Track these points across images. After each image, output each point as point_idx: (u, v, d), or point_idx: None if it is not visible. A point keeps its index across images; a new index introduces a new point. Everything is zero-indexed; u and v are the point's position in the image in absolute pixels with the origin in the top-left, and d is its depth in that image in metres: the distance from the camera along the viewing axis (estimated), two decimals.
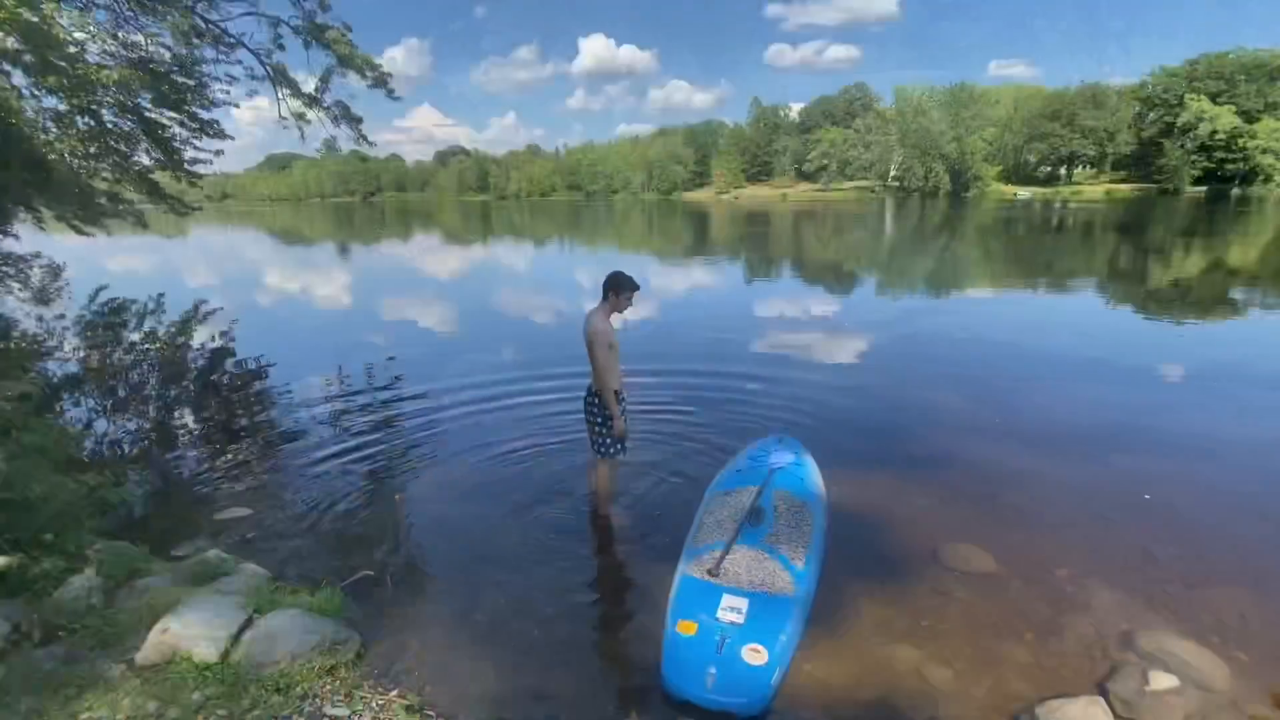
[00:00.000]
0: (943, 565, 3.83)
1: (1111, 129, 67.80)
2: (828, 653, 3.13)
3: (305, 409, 6.95)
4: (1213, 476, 4.99)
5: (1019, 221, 34.90)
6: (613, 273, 3.96)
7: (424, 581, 3.80)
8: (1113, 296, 12.98)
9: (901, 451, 5.52)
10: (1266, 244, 21.67)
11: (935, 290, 14.48)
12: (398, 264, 23.56)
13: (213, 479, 5.22)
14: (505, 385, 7.50)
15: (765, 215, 46.76)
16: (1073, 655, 3.11)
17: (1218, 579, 3.68)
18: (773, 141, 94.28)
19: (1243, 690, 2.90)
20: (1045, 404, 6.74)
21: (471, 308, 13.59)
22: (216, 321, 12.34)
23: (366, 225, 51.36)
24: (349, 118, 13.09)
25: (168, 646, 2.84)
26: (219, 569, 3.57)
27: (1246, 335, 9.70)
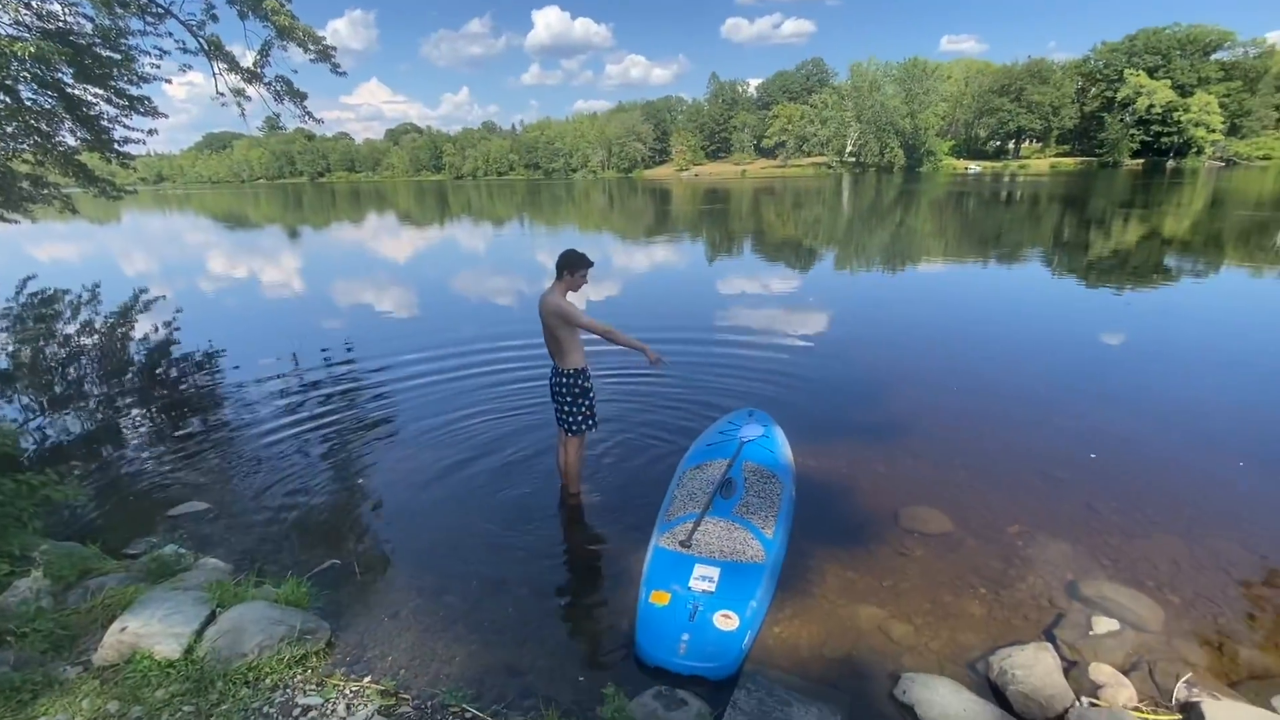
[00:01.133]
0: (902, 527, 3.99)
1: (1056, 104, 69.95)
2: (796, 615, 3.24)
3: (260, 398, 6.74)
4: (1150, 435, 5.29)
5: (970, 195, 35.83)
6: (565, 251, 3.92)
7: (393, 567, 3.76)
8: (1058, 267, 13.49)
9: (862, 421, 5.68)
10: (1197, 214, 22.78)
11: (892, 264, 14.80)
12: (352, 248, 22.82)
13: (165, 474, 5.04)
14: (468, 368, 7.44)
15: (726, 192, 46.82)
16: (1023, 606, 3.29)
17: (1153, 529, 3.93)
18: (731, 118, 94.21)
19: (1175, 628, 3.13)
20: (997, 371, 7.01)
21: (431, 291, 13.31)
22: (159, 311, 11.81)
23: (316, 207, 49.48)
24: (292, 94, 12.51)
25: (126, 645, 2.75)
26: (177, 565, 3.47)
27: (1179, 301, 10.24)
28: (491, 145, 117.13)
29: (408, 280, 14.63)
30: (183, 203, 63.86)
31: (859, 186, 48.55)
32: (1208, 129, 61.13)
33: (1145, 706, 2.68)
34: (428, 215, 37.32)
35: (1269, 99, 61.51)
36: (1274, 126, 62.19)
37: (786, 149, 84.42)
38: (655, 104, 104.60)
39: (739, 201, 37.13)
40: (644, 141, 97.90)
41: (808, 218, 26.87)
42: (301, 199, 64.14)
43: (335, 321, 10.65)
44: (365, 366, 7.80)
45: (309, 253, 21.94)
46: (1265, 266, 12.48)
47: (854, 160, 76.70)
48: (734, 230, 22.88)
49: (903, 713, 2.63)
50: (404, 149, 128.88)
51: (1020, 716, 2.61)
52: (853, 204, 33.46)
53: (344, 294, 13.22)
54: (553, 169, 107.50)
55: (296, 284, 14.53)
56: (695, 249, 18.50)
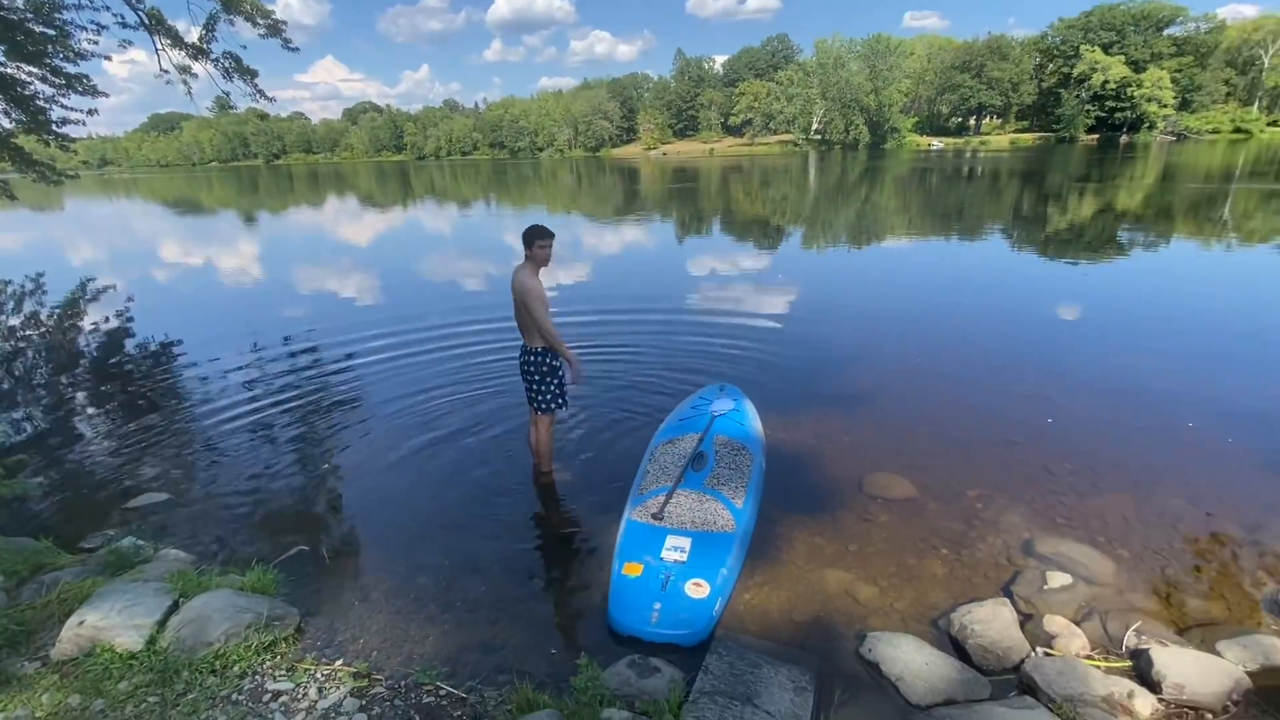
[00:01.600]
0: (866, 494, 4.09)
1: (1015, 80, 71.05)
2: (766, 581, 3.31)
3: (220, 386, 6.56)
4: (1103, 400, 5.48)
5: (933, 171, 36.33)
6: (527, 228, 3.87)
7: (363, 551, 3.72)
8: (1017, 241, 13.80)
9: (829, 393, 5.77)
10: (1149, 187, 23.50)
11: (858, 241, 14.97)
12: (312, 233, 22.16)
13: (122, 466, 4.88)
14: (436, 348, 7.36)
15: (694, 171, 46.63)
16: (982, 565, 3.42)
17: (1105, 488, 4.10)
18: (698, 95, 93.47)
19: (1125, 581, 3.28)
20: (958, 343, 7.17)
21: (396, 275, 13.03)
22: (109, 301, 11.35)
23: (273, 191, 47.83)
24: (241, 71, 12.01)
25: (86, 639, 2.68)
26: (136, 557, 3.38)
27: (1132, 273, 10.60)
28: (454, 124, 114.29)
29: (371, 264, 14.30)
30: (130, 188, 61.07)
31: (825, 164, 48.83)
32: (1159, 104, 62.81)
33: (1097, 654, 2.81)
34: (390, 197, 36.41)
35: (1218, 74, 63.43)
36: (1223, 101, 64.24)
37: (754, 127, 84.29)
38: (621, 81, 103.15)
39: (708, 180, 37.04)
40: (611, 120, 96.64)
41: (775, 196, 26.96)
42: (257, 182, 61.90)
43: (296, 308, 10.37)
44: (329, 350, 7.64)
45: (267, 238, 21.25)
46: (1213, 238, 12.96)
47: (820, 138, 77.01)
48: (704, 209, 22.85)
49: (869, 670, 2.72)
50: (363, 129, 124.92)
51: (979, 668, 2.72)
52: (819, 182, 33.67)
53: (305, 280, 12.87)
54: (518, 148, 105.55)
55: (255, 271, 14.08)
56: (666, 228, 18.44)
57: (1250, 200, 18.18)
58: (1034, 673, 2.57)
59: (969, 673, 2.65)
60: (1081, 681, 2.50)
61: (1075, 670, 2.56)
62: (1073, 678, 2.52)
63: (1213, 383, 5.75)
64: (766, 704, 2.39)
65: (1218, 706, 2.48)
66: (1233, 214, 15.85)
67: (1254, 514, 3.77)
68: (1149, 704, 2.47)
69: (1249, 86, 63.74)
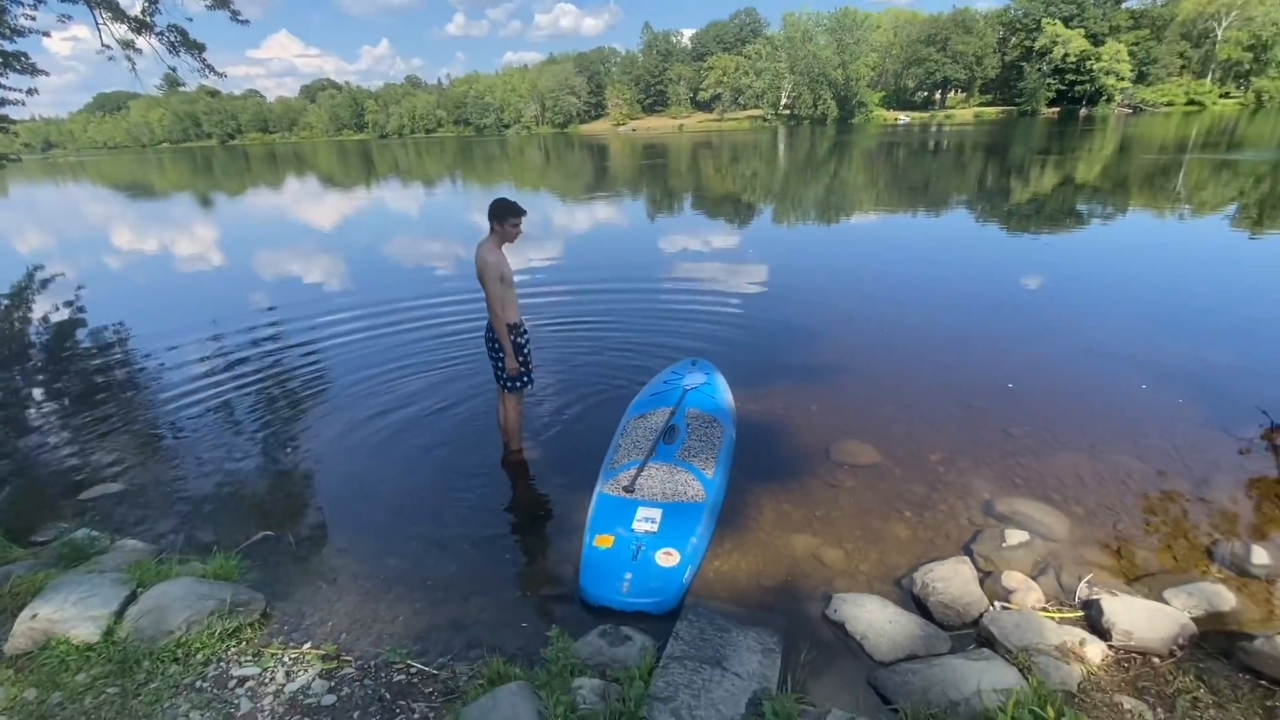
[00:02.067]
0: (833, 461, 4.16)
1: (979, 54, 71.57)
2: (735, 549, 3.36)
3: (177, 373, 6.36)
4: (1062, 364, 5.65)
5: (900, 146, 36.60)
6: (495, 200, 3.78)
7: (330, 534, 3.67)
8: (981, 213, 14.02)
9: (798, 364, 5.83)
10: (1106, 159, 24.03)
11: (826, 216, 15.05)
12: (271, 215, 21.46)
13: (75, 458, 4.71)
14: (401, 327, 7.26)
15: (664, 147, 46.23)
16: (944, 525, 3.51)
17: (1060, 449, 4.23)
18: (666, 70, 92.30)
19: (1079, 535, 3.41)
20: (924, 313, 7.28)
21: (360, 256, 12.71)
22: (59, 290, 10.88)
23: (229, 172, 46.10)
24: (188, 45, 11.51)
25: (40, 632, 2.61)
26: (91, 548, 3.28)
27: (1090, 242, 10.87)
28: (417, 101, 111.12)
29: (333, 246, 13.92)
30: (77, 171, 58.32)
31: (794, 139, 48.82)
32: (1117, 77, 63.92)
33: (1051, 606, 2.92)
34: (353, 177, 35.40)
35: (1174, 46, 64.68)
36: (1178, 74, 65.65)
37: (723, 102, 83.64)
38: (588, 55, 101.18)
39: (678, 157, 36.77)
40: (578, 95, 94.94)
41: (745, 172, 26.90)
42: (212, 163, 59.56)
43: (256, 292, 10.06)
44: (290, 334, 7.46)
45: (224, 222, 20.51)
46: (1167, 209, 13.33)
47: (789, 113, 76.84)
48: (674, 186, 22.71)
49: (834, 630, 2.79)
50: (322, 107, 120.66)
51: (940, 624, 2.81)
52: (788, 157, 33.67)
53: (265, 264, 12.48)
54: (484, 125, 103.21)
55: (212, 256, 13.60)
56: (637, 206, 18.29)
57: (1202, 171, 18.72)
58: (992, 626, 2.66)
59: (930, 628, 2.74)
60: (1036, 632, 2.60)
61: (1030, 622, 2.66)
62: (1028, 629, 2.61)
63: (1166, 347, 5.95)
64: (735, 666, 2.43)
65: (1164, 651, 2.60)
66: (1185, 185, 16.31)
67: (1201, 470, 3.94)
68: (1099, 651, 2.58)
69: (1203, 59, 65.20)
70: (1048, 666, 2.42)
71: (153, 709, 2.35)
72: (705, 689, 2.30)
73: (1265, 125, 37.87)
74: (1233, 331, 6.30)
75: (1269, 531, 3.40)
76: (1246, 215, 12.00)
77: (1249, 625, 2.76)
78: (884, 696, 2.45)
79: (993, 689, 2.28)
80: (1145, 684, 2.46)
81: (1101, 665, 2.54)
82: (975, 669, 2.40)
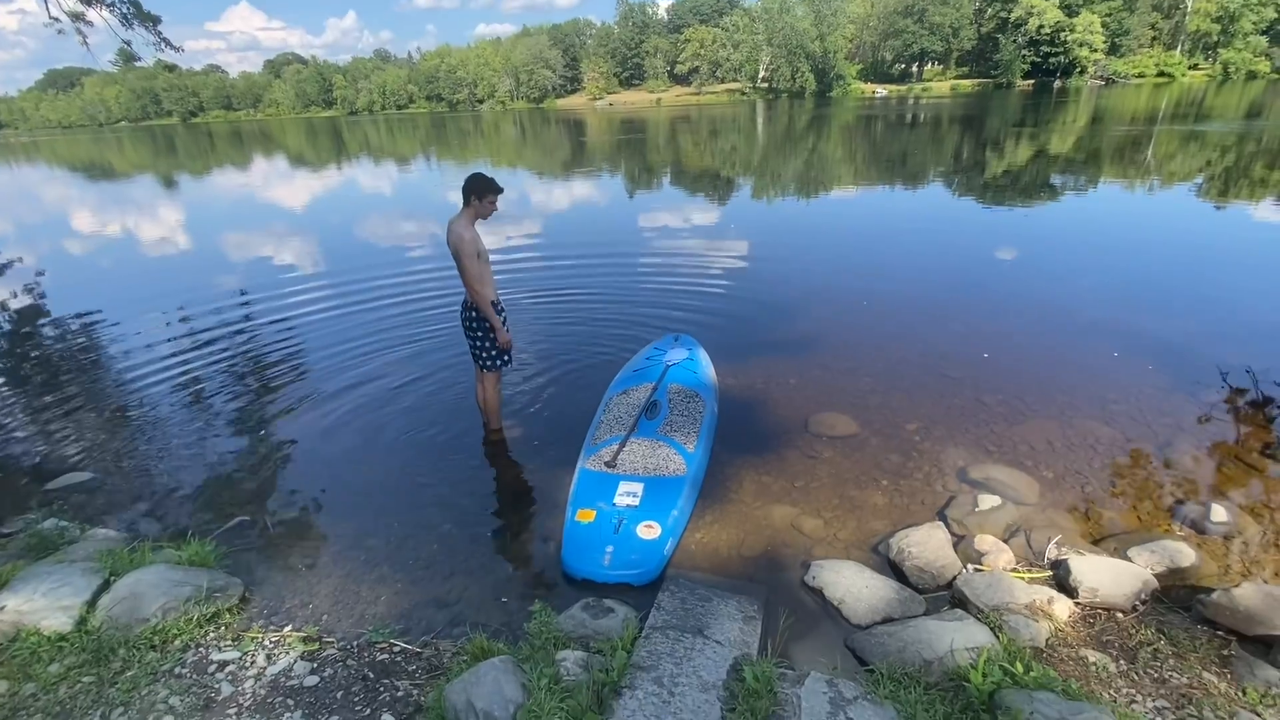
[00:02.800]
0: (811, 433, 4.21)
1: (956, 25, 71.40)
2: (716, 520, 3.40)
3: (144, 358, 6.19)
4: (1035, 335, 5.75)
5: (878, 119, 36.56)
6: (471, 176, 3.70)
7: (308, 518, 3.63)
8: (957, 187, 14.11)
9: (778, 338, 5.86)
10: (1080, 131, 24.26)
11: (805, 191, 15.03)
12: (239, 196, 20.84)
13: (41, 447, 4.58)
14: (376, 307, 7.15)
15: (642, 122, 45.65)
16: (919, 493, 3.58)
17: (1032, 416, 4.33)
18: (643, 42, 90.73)
19: (1049, 499, 3.50)
20: (901, 286, 7.34)
21: (330, 237, 12.42)
22: (16, 276, 10.49)
23: (193, 152, 44.58)
24: (142, 17, 11.05)
25: (8, 624, 2.56)
26: (60, 539, 3.21)
27: (1063, 213, 11.01)
28: (387, 76, 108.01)
29: (304, 227, 13.58)
30: (30, 152, 55.93)
31: (773, 113, 48.49)
32: (1090, 49, 64.30)
33: (1021, 567, 3.01)
34: (323, 156, 34.45)
35: (1145, 17, 65.16)
36: (1149, 45, 66.23)
37: (700, 75, 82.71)
38: (563, 28, 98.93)
39: (656, 132, 36.35)
40: (553, 69, 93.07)
41: (724, 147, 26.70)
42: (174, 143, 57.52)
43: (225, 274, 9.80)
44: (262, 316, 7.30)
45: (189, 203, 19.87)
46: (1138, 179, 13.53)
47: (767, 86, 76.18)
48: (653, 162, 22.48)
49: (813, 596, 2.85)
50: (287, 82, 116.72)
51: (915, 587, 2.88)
52: (767, 131, 33.47)
53: (234, 246, 12.14)
54: (457, 100, 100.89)
55: (179, 238, 13.19)
56: (615, 182, 18.09)
57: (1171, 142, 19.01)
58: (964, 587, 2.74)
59: (906, 592, 2.81)
60: (1007, 592, 2.67)
61: (1001, 583, 2.73)
62: (999, 589, 2.69)
63: (1135, 315, 6.08)
64: (716, 634, 2.47)
65: (1127, 606, 2.69)
66: (1155, 156, 16.56)
67: (1165, 434, 4.06)
68: (1066, 608, 2.67)
69: (1173, 31, 65.84)
70: (1017, 624, 2.50)
71: (130, 696, 2.33)
72: (687, 657, 2.33)
73: (1231, 97, 38.50)
74: (1199, 299, 6.46)
75: (1227, 491, 3.52)
76: (1213, 185, 12.24)
77: (1207, 580, 2.87)
78: (861, 658, 2.51)
79: (965, 648, 2.35)
80: (1109, 638, 2.55)
81: (1068, 621, 2.62)
82: (949, 629, 2.47)
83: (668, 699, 2.14)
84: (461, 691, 2.14)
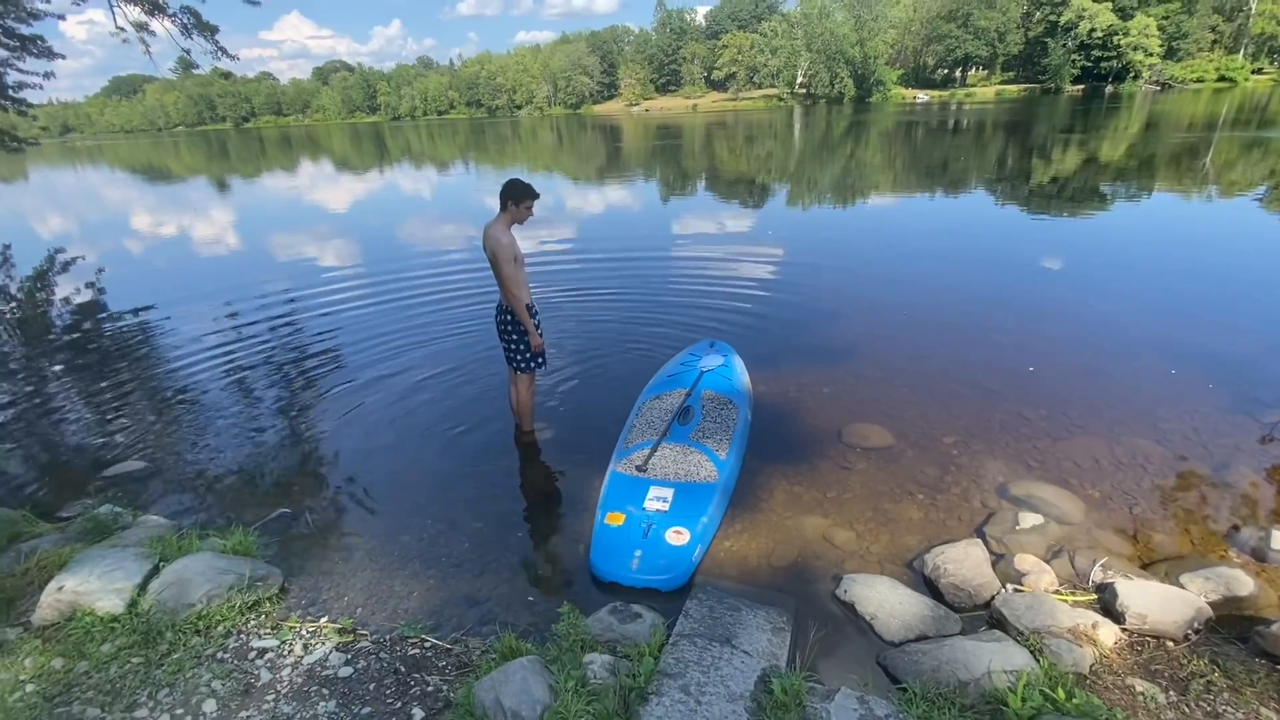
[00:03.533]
0: (845, 443, 4.14)
1: (1002, 29, 69.68)
2: (746, 529, 3.37)
3: (196, 353, 6.44)
4: (1084, 349, 5.52)
5: (919, 125, 35.89)
6: (509, 181, 3.76)
7: (345, 513, 3.72)
8: (1001, 194, 13.74)
9: (813, 346, 5.79)
10: (1132, 138, 23.40)
11: (843, 198, 14.84)
12: (287, 198, 21.56)
13: (98, 436, 4.81)
14: (415, 309, 7.29)
15: (678, 128, 45.72)
16: (956, 508, 3.49)
17: (1078, 432, 4.17)
18: (680, 48, 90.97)
19: (1095, 519, 3.37)
20: (942, 295, 7.17)
21: (374, 240, 12.75)
22: (79, 272, 11.04)
23: (244, 156, 46.33)
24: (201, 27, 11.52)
25: (66, 604, 2.68)
26: (114, 524, 3.36)
27: (1115, 223, 10.62)
28: (429, 82, 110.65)
29: (347, 229, 13.97)
30: (95, 155, 58.92)
31: (810, 119, 48.03)
32: (1146, 53, 61.98)
33: (1064, 589, 2.90)
34: (366, 161, 35.41)
35: (1205, 20, 62.51)
36: (1209, 49, 63.47)
37: (737, 81, 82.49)
38: (601, 34, 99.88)
39: (691, 137, 36.37)
40: (591, 75, 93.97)
41: (760, 153, 26.54)
42: (226, 147, 59.87)
43: (272, 273, 10.14)
44: (306, 315, 7.53)
45: (240, 205, 20.65)
46: (1194, 188, 12.98)
47: (805, 91, 75.53)
48: (688, 167, 22.49)
49: (844, 610, 2.79)
50: (334, 89, 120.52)
51: (951, 605, 2.81)
52: (804, 137, 33.17)
53: (280, 246, 12.56)
54: (496, 106, 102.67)
55: (229, 238, 13.72)
56: (650, 187, 18.15)
57: (1232, 150, 18.18)
58: (1003, 608, 2.65)
59: (941, 610, 2.73)
60: (1049, 614, 2.58)
61: (1043, 604, 2.64)
62: (1040, 611, 2.60)
63: (1196, 331, 5.79)
64: (745, 644, 2.45)
65: (1179, 635, 2.57)
66: (1214, 164, 15.86)
67: (1224, 455, 3.87)
68: (1112, 634, 2.56)
69: (1235, 34, 63.05)
70: (1059, 649, 2.41)
71: (175, 678, 2.42)
72: (714, 666, 2.31)
73: None
74: (1264, 316, 6.13)
75: None
76: (1278, 196, 11.65)
77: (1267, 610, 2.73)
78: (893, 676, 2.45)
79: (1003, 670, 2.28)
80: (1158, 667, 2.44)
81: (1114, 648, 2.52)
82: (986, 650, 2.39)
83: (695, 708, 2.12)
84: (490, 690, 2.16)
